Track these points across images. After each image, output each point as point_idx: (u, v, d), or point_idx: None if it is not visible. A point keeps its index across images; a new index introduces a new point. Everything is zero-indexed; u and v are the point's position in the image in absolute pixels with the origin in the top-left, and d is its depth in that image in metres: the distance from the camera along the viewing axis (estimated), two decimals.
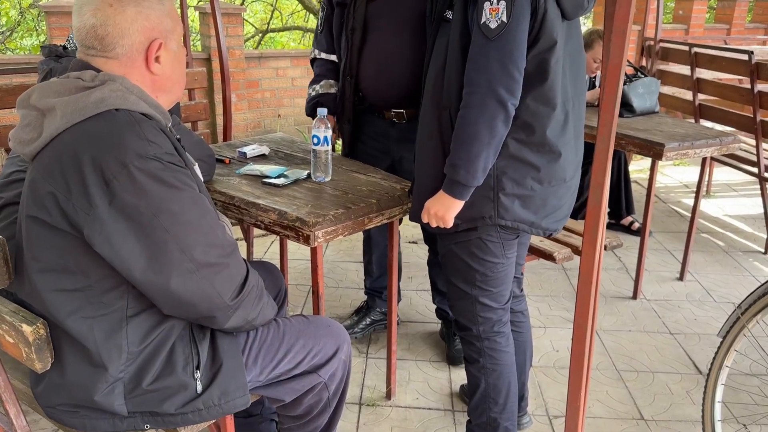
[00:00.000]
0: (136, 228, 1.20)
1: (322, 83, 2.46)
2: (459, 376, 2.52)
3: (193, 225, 1.25)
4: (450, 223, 1.68)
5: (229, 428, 1.61)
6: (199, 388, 1.36)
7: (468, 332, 1.87)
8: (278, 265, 3.05)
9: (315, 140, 2.01)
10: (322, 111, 2.01)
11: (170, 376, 1.34)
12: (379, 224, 1.95)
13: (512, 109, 1.55)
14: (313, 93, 2.48)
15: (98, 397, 1.31)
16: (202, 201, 1.29)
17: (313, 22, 10.45)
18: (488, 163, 1.59)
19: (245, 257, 3.12)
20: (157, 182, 1.21)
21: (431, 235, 2.39)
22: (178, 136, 1.40)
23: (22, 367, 1.53)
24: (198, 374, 1.36)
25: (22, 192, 1.32)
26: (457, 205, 1.65)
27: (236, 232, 3.57)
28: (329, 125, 2.02)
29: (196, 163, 1.60)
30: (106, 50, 1.30)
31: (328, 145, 2.02)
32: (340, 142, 2.60)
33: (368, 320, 2.78)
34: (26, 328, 1.25)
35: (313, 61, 2.51)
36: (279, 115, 5.35)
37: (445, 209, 1.66)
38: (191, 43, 5.41)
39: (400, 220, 2.64)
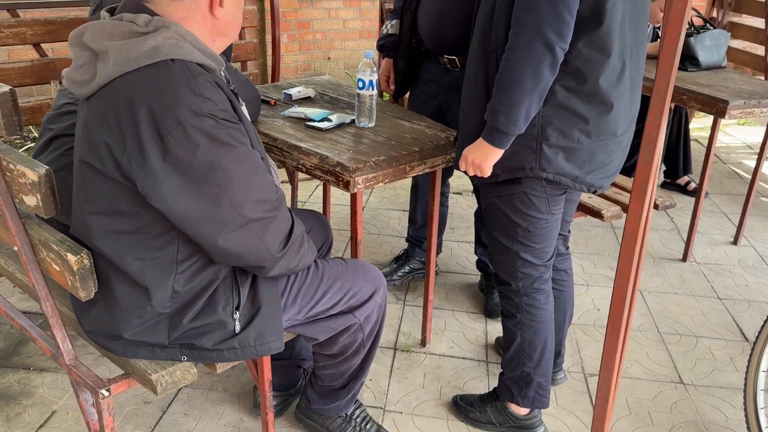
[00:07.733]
0: (189, 184, 1.22)
1: (393, 22, 2.36)
2: (495, 329, 2.51)
3: (244, 182, 1.26)
4: (487, 173, 1.63)
5: (266, 367, 1.66)
6: (237, 328, 1.41)
7: (507, 287, 1.85)
8: (321, 209, 3.07)
9: (360, 84, 1.97)
10: (368, 54, 1.96)
11: (211, 315, 1.39)
12: (420, 173, 1.92)
13: (560, 54, 1.46)
14: (384, 31, 2.39)
15: (139, 330, 1.36)
16: (254, 157, 1.30)
17: None
18: (531, 111, 1.51)
19: (290, 201, 3.17)
20: (211, 140, 1.21)
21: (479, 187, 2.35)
22: (233, 87, 1.39)
23: (69, 294, 1.59)
24: (237, 315, 1.41)
25: (75, 129, 1.34)
26: (496, 154, 1.59)
27: (281, 174, 3.59)
28: (375, 69, 1.97)
29: (244, 104, 1.59)
30: None
31: (373, 89, 1.98)
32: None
33: (407, 268, 2.79)
34: (71, 258, 1.29)
35: None
36: (329, 58, 5.28)
37: (482, 157, 1.61)
38: None
39: (450, 171, 2.60)
